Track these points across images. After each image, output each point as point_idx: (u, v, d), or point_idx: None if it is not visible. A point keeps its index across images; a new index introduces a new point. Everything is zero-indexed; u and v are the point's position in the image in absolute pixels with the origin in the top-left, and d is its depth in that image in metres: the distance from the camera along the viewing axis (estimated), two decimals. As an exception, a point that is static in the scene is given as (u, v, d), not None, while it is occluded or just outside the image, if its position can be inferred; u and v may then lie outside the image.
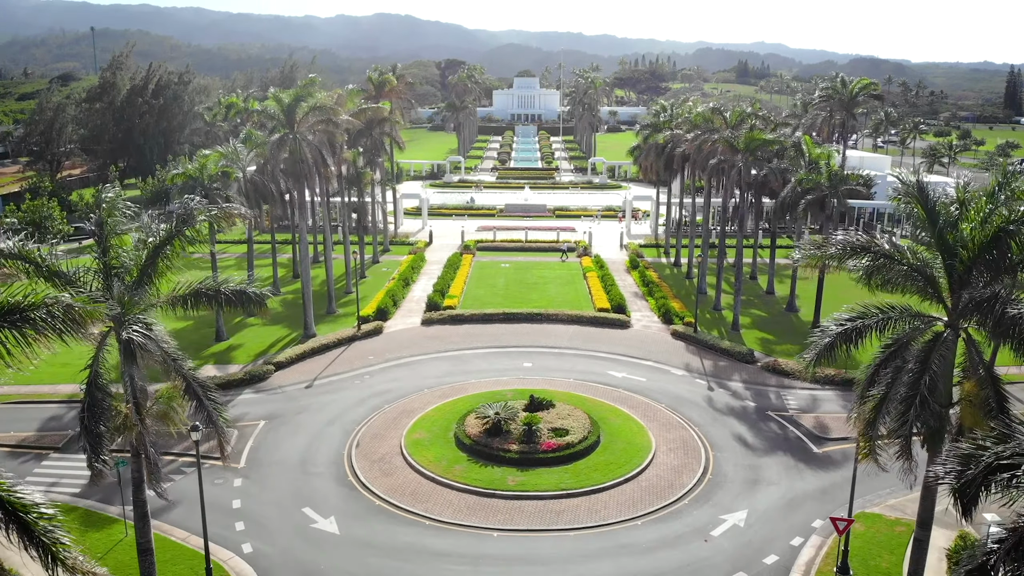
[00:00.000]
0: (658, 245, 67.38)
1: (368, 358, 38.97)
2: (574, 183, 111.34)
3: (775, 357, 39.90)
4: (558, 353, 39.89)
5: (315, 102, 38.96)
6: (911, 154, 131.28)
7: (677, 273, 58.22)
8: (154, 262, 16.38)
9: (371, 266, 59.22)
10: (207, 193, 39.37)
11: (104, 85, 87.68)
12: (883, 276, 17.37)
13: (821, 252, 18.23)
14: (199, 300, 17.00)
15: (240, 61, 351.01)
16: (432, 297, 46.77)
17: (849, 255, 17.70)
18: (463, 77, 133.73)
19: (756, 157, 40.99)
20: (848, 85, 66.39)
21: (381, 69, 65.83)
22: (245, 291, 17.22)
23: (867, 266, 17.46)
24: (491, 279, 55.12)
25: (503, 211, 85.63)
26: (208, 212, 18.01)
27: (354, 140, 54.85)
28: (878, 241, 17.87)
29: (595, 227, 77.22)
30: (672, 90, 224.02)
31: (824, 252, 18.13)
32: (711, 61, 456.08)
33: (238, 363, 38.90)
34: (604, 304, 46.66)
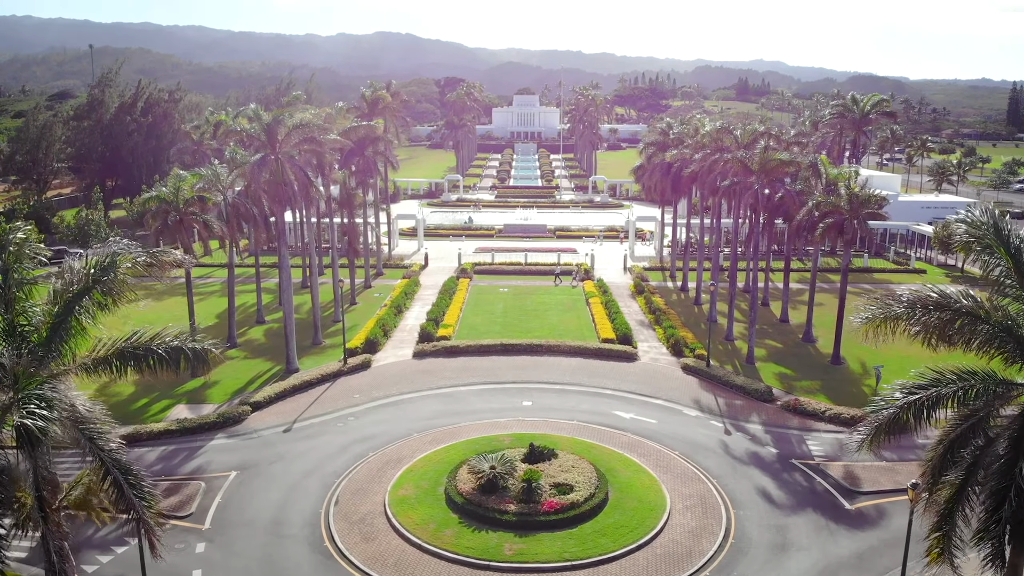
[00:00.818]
0: (663, 268, 64.55)
1: (354, 396, 35.90)
2: (575, 202, 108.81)
3: (795, 395, 36.85)
4: (560, 390, 36.83)
5: (298, 120, 36.31)
6: (917, 172, 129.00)
7: (685, 299, 55.27)
8: (66, 319, 13.46)
9: (363, 291, 56.32)
10: (182, 218, 36.66)
11: (92, 103, 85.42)
12: (964, 338, 14.23)
13: (886, 312, 15.05)
14: (125, 362, 14.06)
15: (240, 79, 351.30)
16: (425, 327, 43.80)
17: (922, 314, 14.53)
18: (461, 94, 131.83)
19: (771, 178, 38.26)
20: (860, 103, 64.08)
21: (376, 86, 63.45)
22: (183, 348, 14.29)
23: (942, 326, 14.31)
24: (489, 305, 52.20)
25: (502, 231, 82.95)
26: (135, 257, 15.07)
27: (346, 159, 52.28)
28: (957, 296, 14.75)
29: (597, 248, 74.41)
30: (672, 107, 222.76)
31: (890, 312, 14.94)
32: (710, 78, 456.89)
33: (213, 402, 35.84)
34: (609, 334, 43.68)
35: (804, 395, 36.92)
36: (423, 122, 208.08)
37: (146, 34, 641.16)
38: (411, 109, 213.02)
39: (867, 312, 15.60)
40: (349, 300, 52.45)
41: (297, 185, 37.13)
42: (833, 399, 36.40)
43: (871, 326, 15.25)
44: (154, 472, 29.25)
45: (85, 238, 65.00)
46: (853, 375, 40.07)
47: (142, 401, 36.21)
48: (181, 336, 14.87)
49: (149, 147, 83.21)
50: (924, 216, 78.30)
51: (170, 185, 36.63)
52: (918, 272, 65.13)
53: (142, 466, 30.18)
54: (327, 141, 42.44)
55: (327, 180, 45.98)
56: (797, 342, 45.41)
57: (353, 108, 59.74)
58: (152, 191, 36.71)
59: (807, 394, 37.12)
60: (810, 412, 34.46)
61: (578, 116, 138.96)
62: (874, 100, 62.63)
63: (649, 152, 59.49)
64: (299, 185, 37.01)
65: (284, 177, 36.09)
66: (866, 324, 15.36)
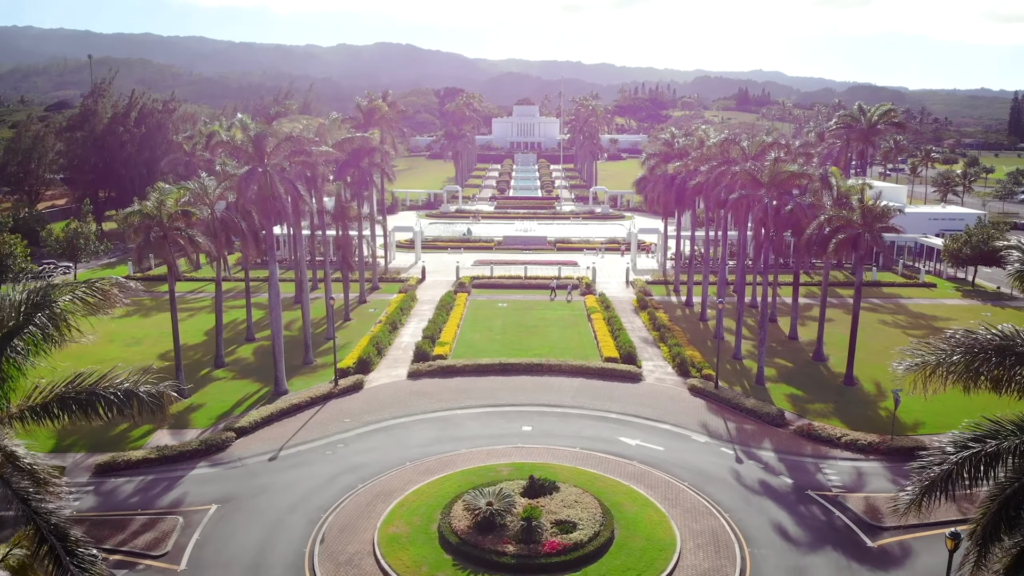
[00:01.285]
0: (667, 282, 62.88)
1: (344, 421, 34.12)
2: (575, 213, 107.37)
3: (808, 419, 35.10)
4: (561, 413, 35.06)
5: (287, 132, 34.78)
6: (921, 183, 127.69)
7: (690, 314, 53.55)
8: (-5, 362, 11.79)
9: (357, 307, 54.61)
10: (166, 233, 35.05)
11: (85, 113, 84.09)
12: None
13: (936, 359, 12.88)
14: (67, 410, 12.36)
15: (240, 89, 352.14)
16: (421, 345, 42.07)
17: (981, 361, 12.50)
18: (460, 104, 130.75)
19: (781, 191, 36.67)
20: (867, 113, 62.66)
21: (372, 95, 62.05)
22: (135, 392, 12.60)
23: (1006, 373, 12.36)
24: (487, 321, 50.50)
25: (501, 243, 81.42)
26: (74, 291, 13.36)
27: (340, 171, 50.80)
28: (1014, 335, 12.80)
29: (599, 261, 72.83)
30: (673, 117, 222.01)
31: (942, 358, 12.79)
32: (710, 89, 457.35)
33: (196, 427, 34.07)
34: (612, 352, 41.95)
35: (818, 419, 35.18)
36: (423, 132, 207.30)
37: (147, 44, 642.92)
38: (410, 119, 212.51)
39: (916, 358, 13.31)
40: (343, 316, 50.77)
41: (288, 198, 35.54)
42: (848, 423, 34.65)
43: (920, 375, 13.11)
44: (130, 505, 27.54)
45: (74, 252, 63.40)
46: (867, 397, 38.32)
47: (122, 426, 34.41)
48: (133, 378, 13.14)
49: (143, 158, 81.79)
50: (932, 228, 76.77)
51: (153, 199, 35.03)
52: (928, 286, 63.50)
53: (118, 498, 28.73)
54: (319, 153, 40.97)
55: (320, 192, 44.45)
56: (807, 361, 43.67)
57: (348, 119, 58.31)
58: (134, 205, 35.09)
59: (821, 418, 35.38)
60: (825, 438, 32.70)
61: (578, 126, 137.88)
62: (882, 110, 61.18)
63: (652, 163, 58.00)
64: (289, 198, 35.42)
65: (273, 191, 34.52)
66: (913, 373, 13.23)
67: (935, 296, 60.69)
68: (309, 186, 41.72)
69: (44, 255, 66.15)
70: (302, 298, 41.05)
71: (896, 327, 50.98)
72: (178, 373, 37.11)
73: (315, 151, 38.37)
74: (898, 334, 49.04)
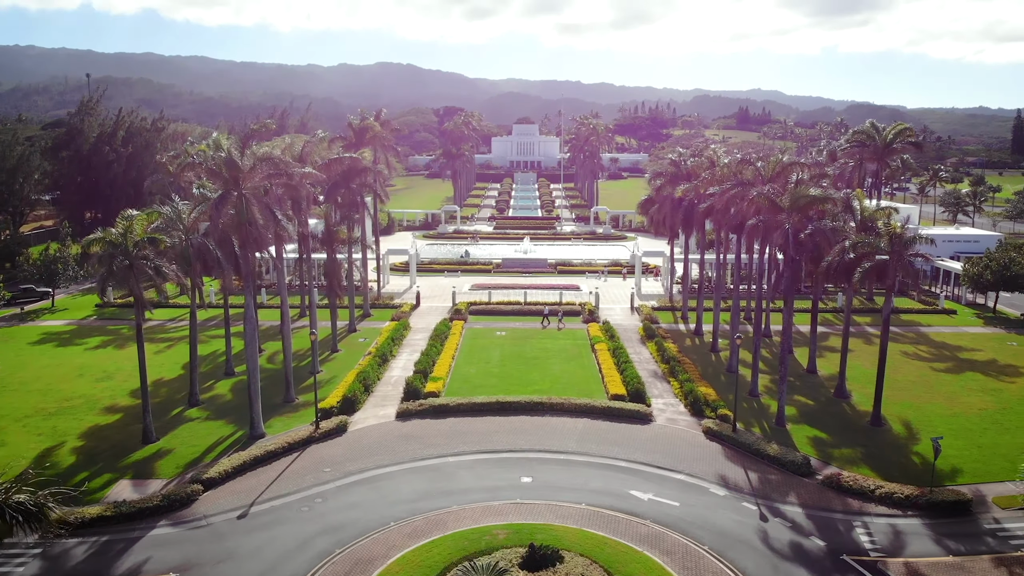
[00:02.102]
0: (674, 308, 59.86)
1: (324, 471, 30.87)
2: (576, 234, 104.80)
3: (836, 467, 31.90)
4: (565, 461, 31.82)
5: (264, 153, 32.01)
6: (929, 202, 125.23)
7: (700, 345, 50.43)
8: None
9: (346, 336, 51.50)
10: (132, 263, 32.08)
11: (71, 132, 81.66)
12: None
13: None
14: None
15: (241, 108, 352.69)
16: (412, 381, 38.91)
17: None
18: (459, 123, 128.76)
19: (803, 216, 33.81)
20: (882, 131, 60.14)
21: (365, 113, 59.54)
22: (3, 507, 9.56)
23: None
24: (484, 352, 47.40)
25: (500, 266, 78.57)
26: None
27: (329, 193, 48.04)
28: None
29: (601, 285, 69.97)
30: (674, 136, 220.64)
31: None
32: (709, 108, 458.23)
33: (162, 476, 30.84)
34: (619, 389, 38.80)
35: (846, 466, 31.98)
36: (421, 152, 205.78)
37: (149, 64, 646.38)
38: (409, 138, 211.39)
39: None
40: (330, 347, 47.65)
41: (270, 225, 32.67)
42: (880, 472, 31.44)
43: None
44: (80, 574, 24.26)
45: (52, 276, 60.53)
46: (898, 440, 35.11)
47: (82, 474, 31.26)
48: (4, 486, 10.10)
49: (130, 178, 79.18)
50: (946, 251, 73.95)
51: (119, 225, 32.13)
52: (948, 312, 60.46)
53: (67, 564, 25.28)
54: (303, 174, 38.19)
55: (305, 216, 41.61)
56: (829, 398, 40.49)
57: (339, 138, 55.70)
58: (97, 232, 32.18)
59: (849, 465, 32.17)
60: (856, 490, 29.48)
61: (579, 145, 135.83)
62: (897, 129, 58.65)
63: (658, 184, 55.29)
64: (268, 224, 32.54)
65: (249, 216, 31.64)
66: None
67: (956, 324, 57.63)
68: (293, 210, 38.90)
69: (21, 279, 63.25)
70: (283, 330, 38.00)
71: (919, 359, 47.87)
72: (145, 416, 33.95)
73: (299, 172, 35.58)
74: (922, 368, 45.94)
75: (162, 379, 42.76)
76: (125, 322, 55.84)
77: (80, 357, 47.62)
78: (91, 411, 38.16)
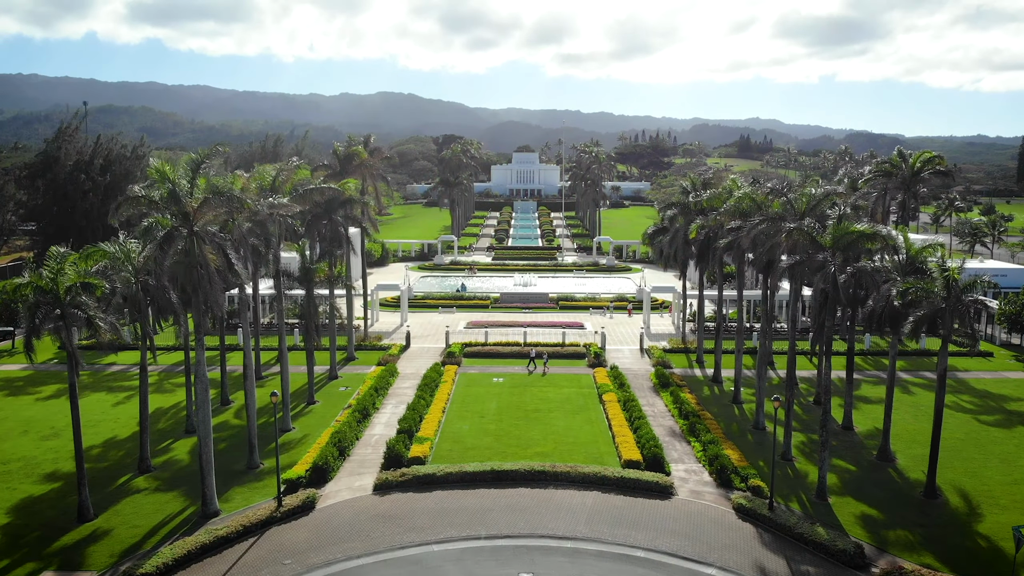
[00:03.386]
0: (687, 350, 54.93)
1: (284, 563, 25.68)
2: (578, 265, 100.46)
3: (893, 554, 26.75)
4: (573, 551, 26.64)
5: (219, 184, 27.56)
6: (944, 232, 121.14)
7: (720, 395, 45.40)
8: None
9: (326, 384, 46.50)
10: (64, 312, 27.35)
11: (47, 160, 77.70)
12: None
13: None
14: None
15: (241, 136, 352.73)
16: (394, 444, 33.83)
17: None
18: (457, 151, 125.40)
19: (848, 256, 29.22)
20: (908, 160, 55.97)
21: (353, 139, 55.43)
22: None
23: None
24: (479, 403, 42.41)
25: (498, 301, 73.94)
26: None
27: (310, 226, 43.58)
28: None
29: (607, 322, 65.25)
30: (676, 165, 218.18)
31: None
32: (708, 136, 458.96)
33: (92, 568, 25.68)
34: (633, 453, 33.73)
35: (904, 554, 26.84)
36: (420, 180, 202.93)
37: (152, 93, 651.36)
38: (408, 167, 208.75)
39: None
40: (306, 398, 42.66)
41: (225, 266, 28.05)
42: (947, 562, 26.29)
43: None
44: None
45: (12, 315, 55.69)
46: (958, 517, 29.94)
47: (2, 562, 26.16)
48: None
49: (106, 208, 74.74)
50: (974, 285, 69.24)
51: (49, 266, 27.54)
52: (984, 355, 55.51)
53: None
54: (277, 206, 33.73)
55: (277, 252, 37.03)
56: (872, 462, 35.38)
57: (322, 166, 51.46)
58: (24, 275, 27.56)
59: (907, 552, 27.03)
60: (925, 589, 24.32)
61: (580, 173, 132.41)
62: (925, 157, 54.55)
63: (669, 215, 50.89)
64: (226, 266, 27.92)
65: (201, 258, 27.03)
66: None
67: (995, 368, 52.69)
68: (263, 247, 34.32)
69: (-18, 317, 58.46)
70: (246, 386, 33.07)
71: (962, 411, 42.85)
72: (81, 490, 28.85)
73: (268, 205, 31.11)
74: (968, 422, 40.95)
75: (115, 438, 37.75)
76: (88, 368, 50.90)
77: (30, 409, 42.61)
78: (28, 478, 33.11)
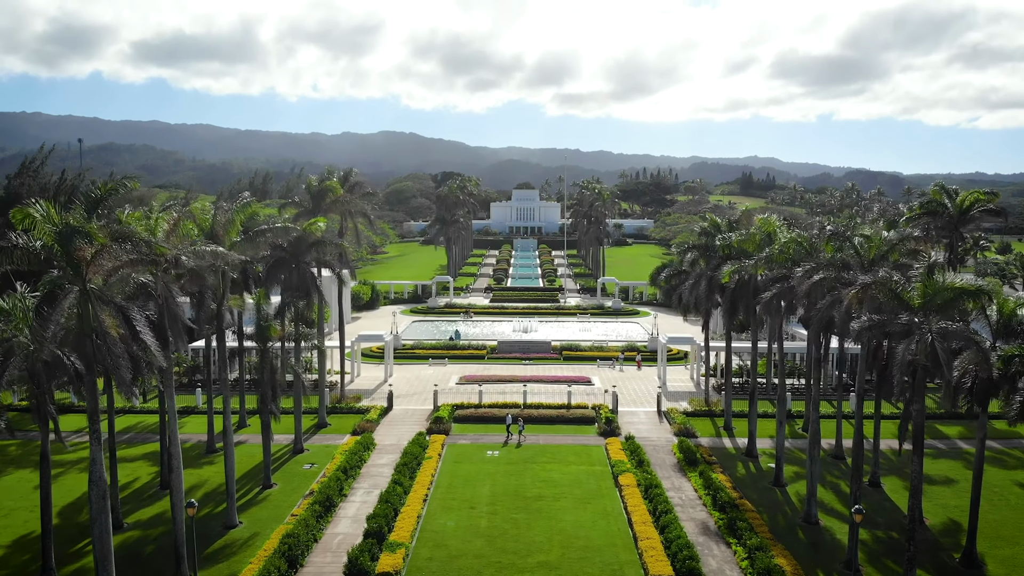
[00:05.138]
0: (711, 412, 47.75)
1: None
2: (582, 308, 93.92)
3: None
4: None
5: (120, 230, 21.23)
6: (969, 272, 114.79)
7: (756, 472, 38.12)
8: None
9: (290, 460, 39.20)
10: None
11: (10, 197, 71.77)
12: None
13: None
14: None
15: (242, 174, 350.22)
16: (357, 555, 26.53)
17: None
18: (453, 188, 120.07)
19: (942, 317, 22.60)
20: (955, 198, 49.99)
21: (331, 170, 49.46)
22: None
23: None
24: (469, 487, 35.18)
25: (496, 350, 67.05)
26: None
27: (269, 273, 37.12)
28: None
29: (617, 375, 58.40)
30: (679, 202, 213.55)
31: None
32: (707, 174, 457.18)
33: None
34: (662, 568, 26.45)
35: None
36: (418, 217, 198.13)
37: (155, 132, 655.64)
38: (406, 204, 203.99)
39: None
40: (262, 480, 35.42)
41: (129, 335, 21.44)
42: None
43: None
44: None
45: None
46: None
47: None
48: None
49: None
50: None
51: None
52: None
53: None
54: (218, 254, 27.32)
55: (222, 308, 30.45)
56: (956, 570, 28.04)
57: (292, 204, 45.26)
58: None
59: None
60: None
61: (582, 211, 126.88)
62: (976, 196, 48.66)
63: (690, 258, 44.53)
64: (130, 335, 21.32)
65: (95, 324, 20.47)
66: None
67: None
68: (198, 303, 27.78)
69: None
70: (172, 480, 26.04)
71: (1051, 493, 35.60)
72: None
73: (193, 253, 24.74)
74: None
75: (30, 535, 30.40)
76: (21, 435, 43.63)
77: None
78: None
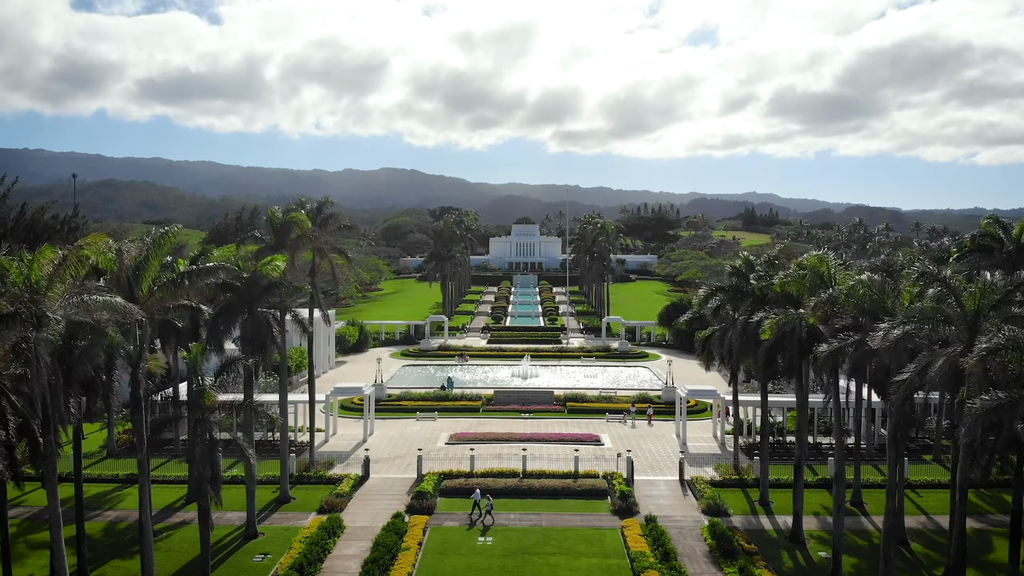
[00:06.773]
0: (743, 482, 40.61)
1: None
2: (586, 350, 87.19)
3: None
4: None
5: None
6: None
7: (805, 565, 31.00)
8: None
9: (240, 547, 32.09)
10: None
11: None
12: None
13: None
14: None
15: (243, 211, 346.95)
16: None
17: None
18: (450, 223, 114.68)
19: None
20: (1011, 232, 44.02)
21: (305, 201, 43.44)
22: None
23: None
24: (455, 586, 28.09)
25: (492, 401, 60.10)
26: None
27: (213, 324, 30.71)
28: None
29: (629, 432, 51.53)
30: (682, 238, 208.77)
31: None
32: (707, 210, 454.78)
33: None
34: None
35: None
36: (415, 253, 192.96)
37: (156, 168, 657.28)
38: (403, 239, 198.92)
39: None
40: (195, 580, 28.36)
41: None
42: None
43: None
44: None
45: None
46: None
47: None
48: None
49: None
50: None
51: None
52: None
53: None
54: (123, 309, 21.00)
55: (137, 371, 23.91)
56: None
57: (251, 238, 39.01)
58: None
59: None
60: None
61: (585, 246, 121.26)
62: (1035, 231, 42.66)
63: (715, 301, 38.17)
64: None
65: None
66: None
67: None
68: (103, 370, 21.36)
69: None
70: None
71: None
72: None
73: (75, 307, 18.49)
74: None
75: None
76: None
77: None
78: None
